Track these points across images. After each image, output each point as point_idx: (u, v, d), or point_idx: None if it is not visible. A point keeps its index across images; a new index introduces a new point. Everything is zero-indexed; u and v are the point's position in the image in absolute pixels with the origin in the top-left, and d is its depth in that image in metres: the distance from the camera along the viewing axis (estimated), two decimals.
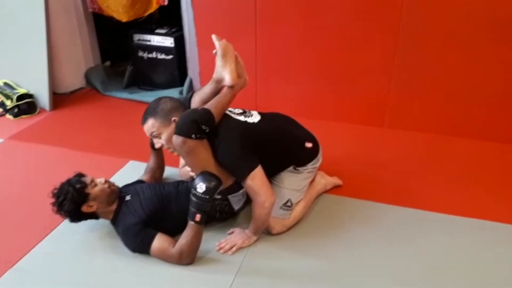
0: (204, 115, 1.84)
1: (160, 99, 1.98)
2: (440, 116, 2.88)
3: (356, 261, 1.91)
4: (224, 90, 1.97)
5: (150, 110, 1.96)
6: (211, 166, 1.86)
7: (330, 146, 2.26)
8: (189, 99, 2.08)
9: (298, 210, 2.08)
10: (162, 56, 3.51)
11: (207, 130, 1.83)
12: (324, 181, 2.29)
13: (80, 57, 3.66)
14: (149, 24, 3.54)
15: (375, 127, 3.02)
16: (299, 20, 2.86)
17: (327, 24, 2.81)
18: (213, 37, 1.95)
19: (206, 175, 1.83)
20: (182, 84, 3.46)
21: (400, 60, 2.78)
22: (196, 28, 3.14)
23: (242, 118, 2.00)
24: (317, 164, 2.14)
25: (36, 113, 3.34)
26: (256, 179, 1.84)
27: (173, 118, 1.91)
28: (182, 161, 2.31)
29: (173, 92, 3.40)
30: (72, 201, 1.88)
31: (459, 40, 2.62)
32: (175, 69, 3.51)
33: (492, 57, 2.60)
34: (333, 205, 2.24)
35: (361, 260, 1.92)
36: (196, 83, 3.37)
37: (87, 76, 3.71)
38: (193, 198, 1.82)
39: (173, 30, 3.48)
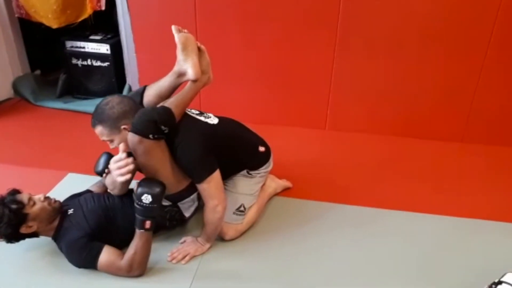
0: (164, 114, 1.75)
1: (107, 102, 1.82)
2: (377, 117, 3.00)
3: (309, 258, 1.95)
4: (186, 87, 1.89)
5: (98, 115, 1.82)
6: (166, 167, 1.79)
7: (276, 150, 2.27)
8: (141, 93, 1.95)
9: (251, 215, 2.07)
10: (98, 63, 3.37)
11: (166, 131, 1.75)
12: (275, 184, 2.30)
13: (6, 65, 3.41)
14: (82, 31, 3.39)
15: (317, 129, 3.09)
16: (240, 25, 2.87)
17: (268, 30, 2.84)
18: (173, 28, 1.84)
19: (147, 184, 1.75)
20: (120, 91, 3.34)
21: (338, 64, 2.87)
22: (134, 33, 3.05)
23: (202, 118, 1.95)
24: (269, 168, 2.14)
25: None
26: (213, 182, 1.80)
27: (122, 126, 1.79)
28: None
29: None
30: (9, 224, 1.72)
31: (393, 44, 2.75)
32: (112, 76, 3.38)
33: (427, 59, 2.75)
34: (284, 207, 2.26)
35: (313, 256, 1.96)
36: None
37: (16, 86, 3.47)
38: (139, 207, 1.75)
39: (109, 36, 3.36)
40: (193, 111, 2.00)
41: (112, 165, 1.77)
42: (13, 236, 1.78)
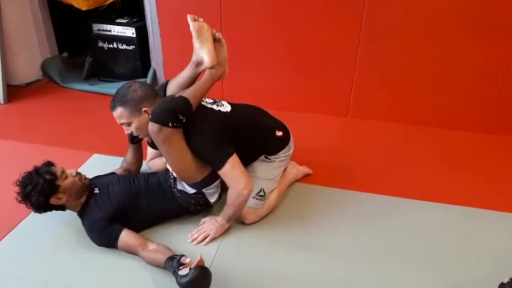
0: (182, 104, 1.80)
1: (130, 86, 1.88)
2: (401, 106, 2.96)
3: (329, 245, 1.96)
4: (203, 77, 1.93)
5: (119, 98, 1.86)
6: (187, 154, 1.83)
7: (298, 136, 2.28)
8: (164, 87, 2.02)
9: (271, 200, 2.09)
10: (123, 47, 3.41)
11: (184, 120, 1.79)
12: (295, 170, 2.31)
13: (35, 47, 3.49)
14: (108, 14, 3.43)
15: (340, 117, 3.07)
16: (265, 10, 2.85)
17: (293, 15, 2.83)
18: (188, 17, 1.90)
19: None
20: (144, 75, 3.38)
21: (363, 51, 2.83)
22: (159, 17, 3.07)
23: (215, 107, 1.98)
24: (289, 153, 2.15)
25: None
26: (235, 166, 1.82)
27: (143, 109, 1.84)
28: (149, 152, 2.25)
29: None
30: (41, 193, 1.79)
31: (420, 31, 2.70)
32: (137, 60, 3.42)
33: (454, 46, 2.70)
34: (304, 194, 2.27)
35: (333, 243, 1.97)
36: (160, 74, 3.30)
37: (44, 68, 3.55)
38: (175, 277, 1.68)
39: (135, 19, 3.39)
40: (207, 100, 2.02)
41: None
42: (43, 206, 1.85)
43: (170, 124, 1.75)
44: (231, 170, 1.82)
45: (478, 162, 2.59)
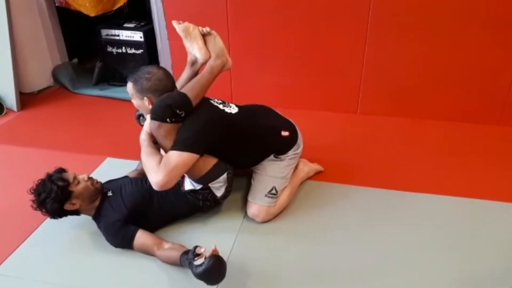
0: (179, 99, 1.83)
1: (150, 72, 1.90)
2: (411, 100, 2.96)
3: (342, 239, 1.97)
4: (203, 71, 1.97)
5: (136, 77, 1.91)
6: None
7: (309, 134, 2.29)
8: None
9: (283, 198, 2.10)
10: (132, 51, 3.44)
11: (183, 115, 1.81)
12: (307, 168, 2.32)
13: (46, 55, 3.54)
14: (116, 19, 3.46)
15: (349, 113, 3.07)
16: (272, 10, 2.86)
17: (300, 14, 2.83)
18: (173, 22, 1.97)
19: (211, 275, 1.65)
20: None
21: (370, 47, 2.83)
22: (166, 20, 3.10)
23: (221, 107, 2.01)
24: (298, 151, 2.16)
25: (3, 114, 3.22)
26: (181, 161, 1.77)
27: (145, 97, 1.89)
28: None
29: None
30: (55, 199, 1.82)
31: (426, 28, 2.69)
32: (146, 64, 3.42)
33: (464, 40, 2.69)
34: (316, 191, 2.28)
35: (346, 238, 1.98)
36: None
37: (55, 74, 3.60)
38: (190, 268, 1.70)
39: (142, 24, 3.42)
40: (216, 99, 2.04)
41: None
42: (58, 212, 1.88)
43: (168, 119, 1.79)
44: (174, 158, 1.77)
45: (490, 154, 2.58)
